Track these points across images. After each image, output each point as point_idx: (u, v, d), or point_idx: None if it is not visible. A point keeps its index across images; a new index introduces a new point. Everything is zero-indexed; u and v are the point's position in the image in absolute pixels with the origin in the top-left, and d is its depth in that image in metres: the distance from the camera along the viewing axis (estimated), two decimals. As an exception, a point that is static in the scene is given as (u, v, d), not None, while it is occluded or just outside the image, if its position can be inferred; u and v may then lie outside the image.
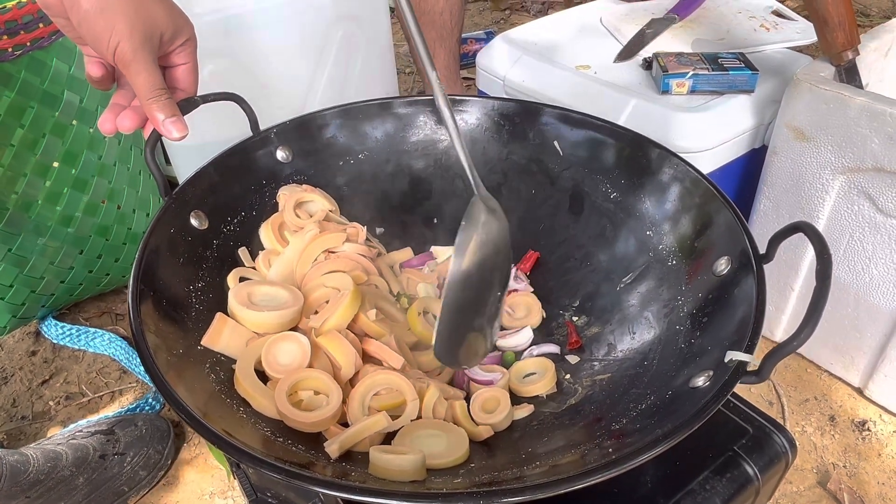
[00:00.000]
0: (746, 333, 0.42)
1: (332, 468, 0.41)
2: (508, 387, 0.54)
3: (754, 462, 0.51)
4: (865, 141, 0.68)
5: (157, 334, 0.45)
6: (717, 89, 0.80)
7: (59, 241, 0.85)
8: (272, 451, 0.39)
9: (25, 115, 0.75)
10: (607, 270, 0.61)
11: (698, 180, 0.56)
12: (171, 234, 0.53)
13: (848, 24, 0.71)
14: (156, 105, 0.53)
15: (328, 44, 0.84)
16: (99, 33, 0.50)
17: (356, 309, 0.51)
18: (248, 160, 0.62)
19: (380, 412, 0.45)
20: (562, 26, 1.01)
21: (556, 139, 0.67)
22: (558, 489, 0.35)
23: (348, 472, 0.41)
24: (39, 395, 0.89)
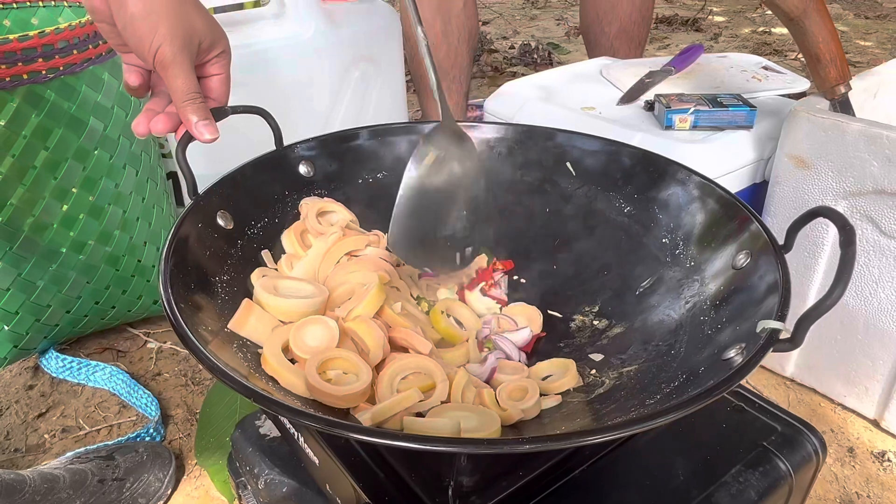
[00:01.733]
0: (775, 304, 0.43)
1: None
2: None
3: (786, 458, 0.50)
4: (865, 164, 0.71)
5: (187, 311, 0.45)
6: (717, 125, 0.84)
7: (70, 269, 0.85)
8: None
9: (51, 137, 0.77)
10: (625, 277, 0.61)
11: (710, 186, 0.58)
12: (199, 229, 0.54)
13: (839, 60, 0.75)
14: (191, 107, 0.55)
15: (346, 82, 0.88)
16: (142, 36, 0.52)
17: (382, 299, 0.51)
18: (272, 171, 0.64)
19: (410, 389, 0.44)
20: (564, 77, 1.06)
21: (568, 160, 0.69)
22: (610, 433, 0.34)
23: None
24: (34, 427, 0.86)
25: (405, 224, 0.53)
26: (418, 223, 0.53)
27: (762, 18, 2.79)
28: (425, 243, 0.55)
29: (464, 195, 0.57)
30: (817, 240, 0.77)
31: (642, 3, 1.29)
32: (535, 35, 2.57)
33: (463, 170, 0.56)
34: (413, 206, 0.53)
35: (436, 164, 0.54)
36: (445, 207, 0.55)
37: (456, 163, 0.56)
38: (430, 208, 0.54)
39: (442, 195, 0.55)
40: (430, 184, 0.53)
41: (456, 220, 0.56)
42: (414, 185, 0.53)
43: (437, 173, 0.54)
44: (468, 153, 0.58)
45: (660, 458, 0.50)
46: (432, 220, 0.55)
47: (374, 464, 0.50)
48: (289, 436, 0.59)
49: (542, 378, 0.55)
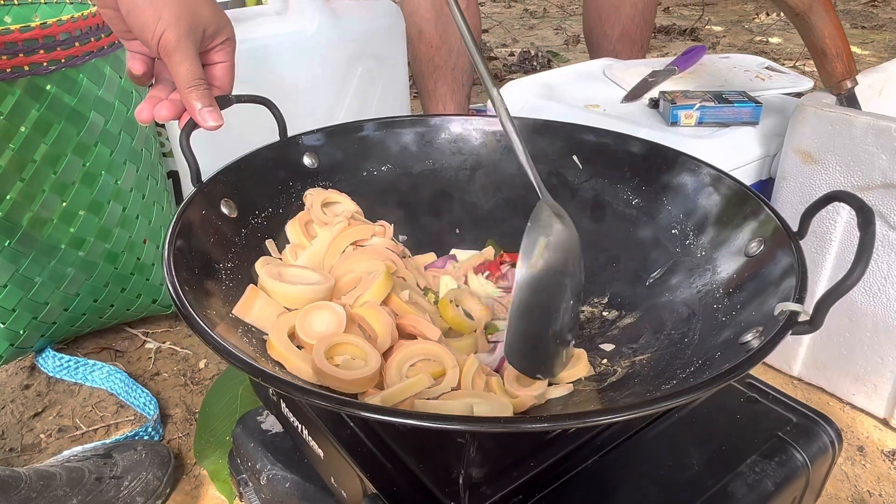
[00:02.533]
0: (793, 288, 0.42)
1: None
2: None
3: (802, 448, 0.49)
4: (873, 158, 0.70)
5: (192, 294, 0.44)
6: (723, 121, 0.83)
7: (68, 265, 0.84)
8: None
9: (51, 131, 0.76)
10: (634, 268, 0.60)
11: (719, 176, 0.58)
12: (203, 215, 0.53)
13: (845, 55, 0.75)
14: (195, 94, 0.54)
15: (349, 79, 0.88)
16: (146, 21, 0.52)
17: (390, 287, 0.50)
18: (276, 161, 0.63)
19: (420, 374, 0.43)
20: (567, 77, 1.06)
21: (574, 153, 0.69)
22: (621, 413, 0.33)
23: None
24: (30, 427, 0.84)
25: (519, 328, 0.45)
26: (531, 323, 0.46)
27: (759, 28, 2.80)
28: (539, 346, 0.47)
29: (570, 283, 0.49)
30: (827, 228, 0.76)
31: (645, 6, 1.30)
32: (535, 43, 2.58)
33: (568, 253, 0.49)
34: (527, 306, 0.45)
35: (547, 252, 0.47)
36: (556, 302, 0.48)
37: (562, 246, 0.49)
38: (543, 308, 0.47)
39: (553, 290, 0.48)
40: (540, 276, 0.46)
41: (565, 313, 0.49)
42: (527, 285, 0.45)
43: (546, 265, 0.47)
44: (570, 230, 0.50)
45: (673, 449, 0.49)
46: (546, 320, 0.48)
47: (382, 455, 0.48)
48: (292, 429, 0.58)
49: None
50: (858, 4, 3.14)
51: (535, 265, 0.46)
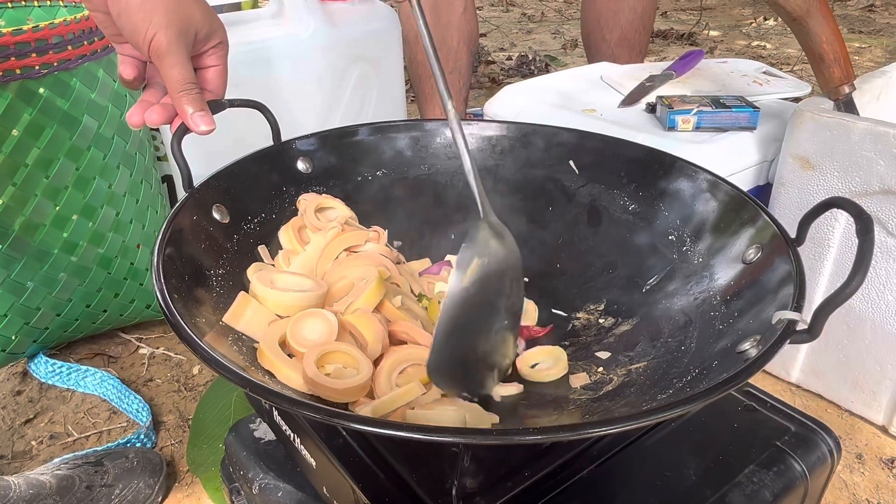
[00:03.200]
0: (791, 296, 0.42)
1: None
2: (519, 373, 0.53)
3: (801, 458, 0.48)
4: (871, 164, 0.70)
5: (181, 302, 0.43)
6: (720, 126, 0.83)
7: (61, 270, 0.83)
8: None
9: (43, 135, 0.75)
10: (631, 275, 0.60)
11: (716, 182, 0.57)
12: (194, 221, 0.52)
13: (843, 59, 0.75)
14: (186, 98, 0.53)
15: (345, 81, 0.87)
16: (137, 24, 0.51)
17: (382, 293, 0.50)
18: (270, 166, 0.62)
19: (412, 383, 0.42)
20: (564, 81, 1.05)
21: (570, 158, 0.68)
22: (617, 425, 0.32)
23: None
24: (21, 434, 0.83)
25: (446, 345, 0.44)
26: (460, 342, 0.45)
27: (757, 33, 2.81)
28: (466, 365, 0.47)
29: (504, 304, 0.49)
30: (825, 234, 0.76)
31: (644, 11, 1.29)
32: (532, 47, 2.58)
33: (506, 273, 0.49)
34: (454, 325, 0.44)
35: (480, 272, 0.46)
36: (487, 322, 0.48)
37: (499, 266, 0.48)
38: (473, 326, 0.46)
39: (485, 309, 0.47)
40: (472, 297, 0.45)
41: (497, 334, 0.49)
42: (458, 299, 0.44)
43: (479, 284, 0.46)
44: (510, 250, 0.50)
45: (670, 458, 0.48)
46: (474, 338, 0.47)
47: (374, 464, 0.48)
48: (284, 438, 0.57)
49: (531, 366, 0.54)
50: (856, 9, 3.15)
51: (466, 284, 0.44)
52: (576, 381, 0.51)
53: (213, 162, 0.59)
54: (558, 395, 0.50)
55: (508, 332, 0.50)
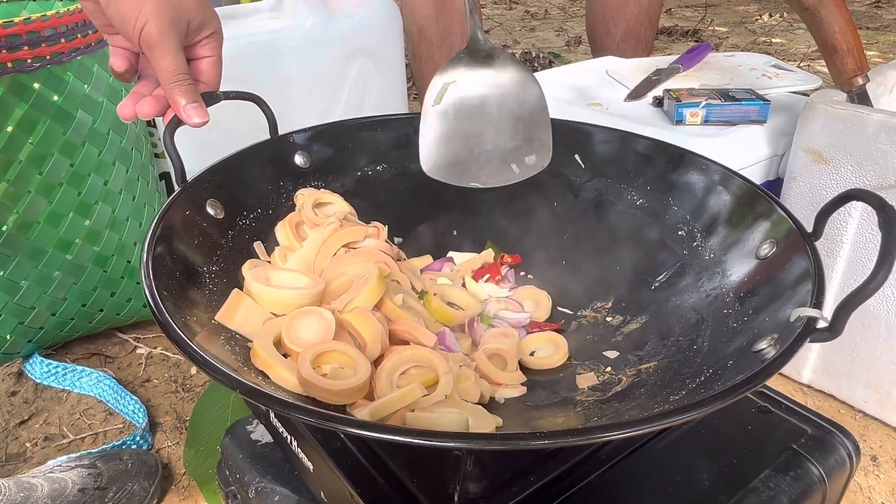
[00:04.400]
0: (809, 292, 0.40)
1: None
2: (518, 361, 0.52)
3: (818, 462, 0.46)
4: (886, 157, 0.68)
5: (171, 301, 0.41)
6: (729, 119, 0.81)
7: (55, 269, 0.81)
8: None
9: (36, 129, 0.74)
10: (639, 272, 0.58)
11: (728, 175, 0.55)
12: (187, 216, 0.51)
13: (857, 50, 0.73)
14: (178, 90, 0.52)
15: (344, 75, 0.85)
16: (126, 13, 0.49)
17: (382, 291, 0.48)
18: (266, 160, 0.61)
19: (412, 384, 0.41)
20: (569, 75, 1.03)
21: (576, 152, 0.66)
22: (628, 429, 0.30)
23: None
24: (16, 435, 0.81)
25: (435, 149, 0.52)
26: (450, 147, 0.53)
27: (762, 29, 2.78)
28: (465, 162, 0.54)
29: (500, 112, 0.54)
30: (838, 230, 0.74)
31: (649, 5, 1.27)
32: (536, 45, 2.55)
33: (494, 87, 0.54)
34: (439, 134, 0.52)
35: (453, 91, 0.53)
36: (478, 127, 0.54)
37: (480, 83, 0.54)
38: (460, 132, 0.53)
39: (470, 118, 0.53)
40: (451, 111, 0.53)
41: (497, 137, 0.54)
42: (432, 117, 0.52)
43: (458, 99, 0.53)
44: (501, 68, 0.55)
45: (681, 463, 0.46)
46: (465, 141, 0.54)
47: (374, 468, 0.46)
48: (281, 440, 0.56)
49: (530, 353, 0.52)
50: (863, 6, 3.11)
51: (438, 103, 0.52)
52: (583, 381, 0.49)
53: (208, 156, 0.57)
54: (565, 397, 0.48)
55: (519, 131, 0.55)
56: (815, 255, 0.43)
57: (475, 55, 0.55)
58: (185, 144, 0.56)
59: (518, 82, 0.56)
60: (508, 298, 0.59)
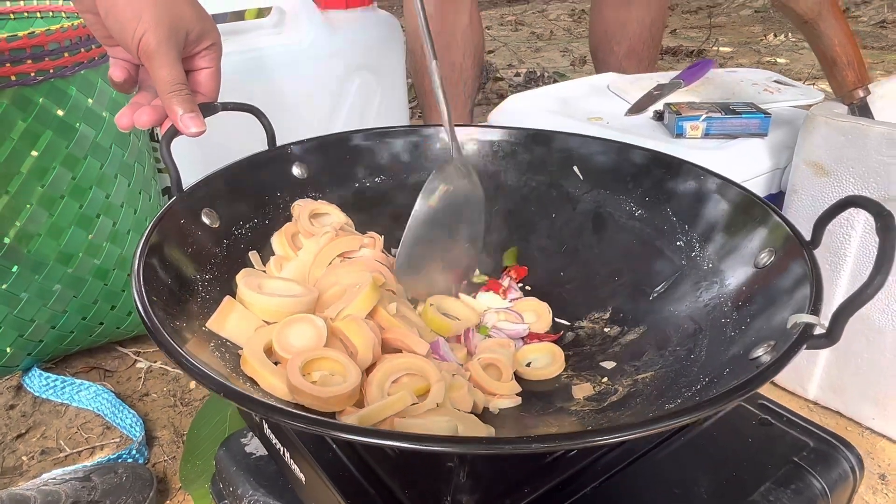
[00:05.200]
0: (806, 299, 0.39)
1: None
2: (514, 372, 0.51)
3: (821, 475, 0.45)
4: (889, 169, 0.67)
5: (161, 307, 0.41)
6: (730, 132, 0.81)
7: (56, 281, 0.82)
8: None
9: (39, 142, 0.74)
10: (637, 282, 0.57)
11: (725, 184, 0.55)
12: (182, 224, 0.51)
13: (857, 62, 0.72)
14: (176, 99, 0.52)
15: (345, 90, 0.86)
16: (125, 23, 0.50)
17: (376, 299, 0.47)
18: (264, 170, 0.61)
19: (402, 392, 0.40)
20: (570, 91, 1.04)
21: (575, 164, 0.66)
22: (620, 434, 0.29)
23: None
24: (12, 449, 0.81)
25: (410, 252, 0.56)
26: (423, 252, 0.57)
27: (767, 49, 2.79)
28: (429, 271, 0.58)
29: (465, 229, 0.60)
30: (841, 242, 0.73)
31: (652, 23, 1.28)
32: (541, 64, 2.57)
33: (468, 204, 0.59)
34: (419, 236, 0.56)
35: (445, 196, 0.58)
36: (450, 239, 0.59)
37: (462, 197, 0.59)
38: (435, 239, 0.58)
39: (448, 227, 0.58)
40: (437, 215, 0.57)
41: (457, 251, 0.60)
42: (422, 216, 0.56)
43: (444, 206, 0.57)
44: (474, 188, 0.60)
45: (680, 475, 0.45)
46: (437, 250, 0.58)
47: (365, 480, 0.45)
48: (275, 452, 0.55)
49: (526, 364, 0.52)
50: (868, 26, 3.12)
51: (432, 204, 0.57)
52: (579, 392, 0.48)
53: (207, 168, 0.58)
54: (560, 407, 0.47)
55: (470, 253, 0.61)
56: (813, 261, 0.42)
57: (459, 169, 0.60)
58: (184, 155, 0.56)
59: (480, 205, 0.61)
60: (508, 310, 0.59)
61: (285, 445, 0.52)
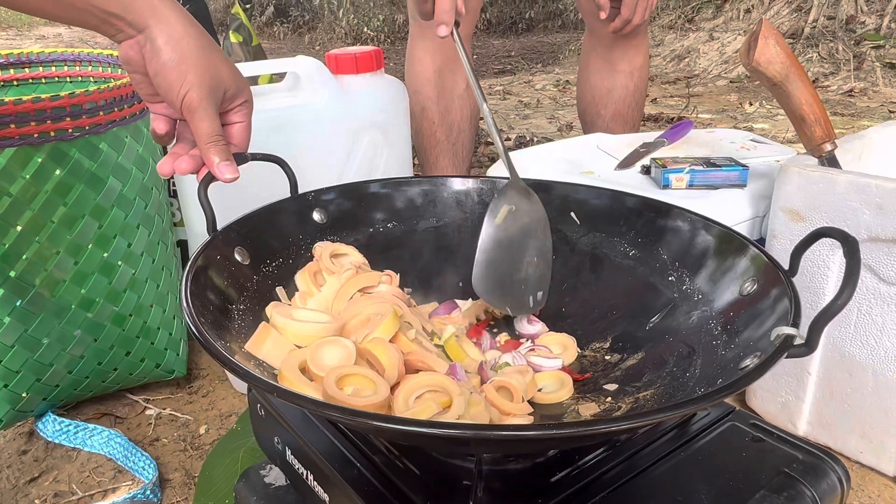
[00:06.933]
0: (788, 314, 0.44)
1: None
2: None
3: (811, 484, 0.49)
4: (857, 214, 0.74)
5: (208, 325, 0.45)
6: (712, 184, 0.87)
7: (77, 327, 0.85)
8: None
9: (70, 193, 0.79)
10: (634, 315, 0.62)
11: (709, 225, 0.61)
12: (218, 260, 0.55)
13: (823, 120, 0.80)
14: (214, 149, 0.58)
15: (356, 146, 0.93)
16: (172, 82, 0.56)
17: (397, 326, 0.52)
18: (288, 215, 0.66)
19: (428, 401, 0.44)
20: (561, 149, 1.11)
21: (571, 210, 0.72)
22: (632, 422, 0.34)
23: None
24: (25, 493, 0.82)
25: (486, 271, 0.62)
26: (496, 270, 0.63)
27: (743, 116, 2.94)
28: (503, 287, 0.63)
29: (534, 244, 0.65)
30: (821, 266, 0.78)
31: (636, 89, 1.38)
32: (530, 130, 2.69)
33: (532, 221, 0.65)
34: (491, 255, 0.63)
35: (509, 216, 0.64)
36: (519, 255, 0.64)
37: (526, 216, 0.65)
38: (507, 257, 0.63)
39: (516, 244, 0.64)
40: (504, 235, 0.63)
41: (529, 266, 0.64)
42: (491, 235, 0.63)
43: (510, 225, 0.64)
44: (535, 206, 0.66)
45: (681, 486, 0.49)
46: (509, 266, 0.63)
47: (390, 494, 0.48)
48: (296, 477, 0.58)
49: (538, 390, 0.55)
50: (836, 94, 3.30)
51: (498, 225, 0.63)
52: (585, 410, 0.52)
53: (235, 212, 0.63)
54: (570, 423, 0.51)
55: (541, 266, 0.65)
56: (790, 285, 0.48)
57: (518, 190, 0.66)
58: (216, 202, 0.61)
59: (543, 220, 0.66)
60: (539, 346, 0.62)
61: (309, 469, 0.55)
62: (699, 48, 3.95)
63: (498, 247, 0.63)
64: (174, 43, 0.55)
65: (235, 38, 1.21)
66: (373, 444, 0.51)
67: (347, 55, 0.95)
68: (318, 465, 0.53)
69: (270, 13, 5.95)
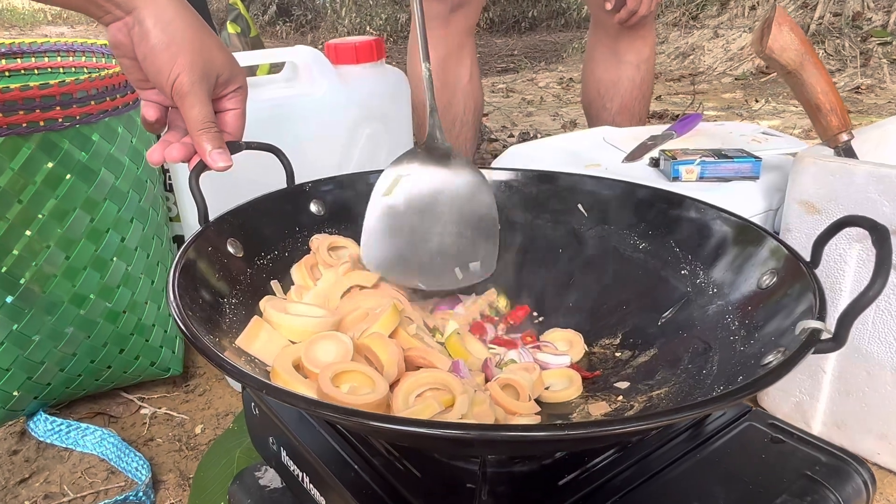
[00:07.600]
0: (813, 307, 0.41)
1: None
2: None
3: (835, 488, 0.46)
4: (876, 206, 0.71)
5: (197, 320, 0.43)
6: (723, 176, 0.85)
7: (68, 323, 0.82)
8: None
9: (61, 185, 0.77)
10: (645, 310, 0.59)
11: (724, 216, 0.58)
12: (210, 252, 0.53)
13: (839, 108, 0.77)
14: (205, 136, 0.55)
15: (356, 138, 0.90)
16: (161, 66, 0.54)
17: (397, 321, 0.49)
18: (284, 206, 0.64)
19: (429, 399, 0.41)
20: (568, 142, 1.08)
21: (579, 202, 0.69)
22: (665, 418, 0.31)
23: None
24: (15, 494, 0.80)
25: (380, 243, 0.56)
26: (394, 243, 0.56)
27: (749, 113, 2.90)
28: (407, 261, 0.57)
29: (452, 212, 0.59)
30: (840, 258, 0.75)
31: (642, 81, 1.35)
32: (534, 126, 2.66)
33: (446, 188, 0.59)
34: (385, 227, 0.57)
35: (405, 184, 0.58)
36: (429, 225, 0.58)
37: (436, 182, 0.58)
38: (408, 228, 0.57)
39: (421, 214, 0.58)
40: (403, 204, 0.57)
41: (446, 236, 0.58)
42: (380, 207, 0.57)
43: (409, 193, 0.57)
44: (456, 171, 0.60)
45: (698, 489, 0.46)
46: (414, 238, 0.57)
47: (389, 497, 0.46)
48: (292, 480, 0.55)
49: (545, 388, 0.53)
50: (843, 91, 3.27)
51: (389, 195, 0.58)
52: (595, 409, 0.50)
53: (229, 204, 0.60)
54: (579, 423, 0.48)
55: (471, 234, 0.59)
56: (814, 277, 0.45)
57: (432, 152, 0.60)
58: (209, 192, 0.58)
59: (471, 186, 0.60)
60: (545, 342, 0.59)
61: (305, 471, 0.53)
62: (704, 45, 3.91)
63: (393, 217, 0.57)
64: (164, 25, 0.52)
65: (233, 28, 1.19)
66: (371, 445, 0.49)
67: (347, 44, 0.93)
68: (315, 467, 0.50)
69: (273, 12, 5.93)
